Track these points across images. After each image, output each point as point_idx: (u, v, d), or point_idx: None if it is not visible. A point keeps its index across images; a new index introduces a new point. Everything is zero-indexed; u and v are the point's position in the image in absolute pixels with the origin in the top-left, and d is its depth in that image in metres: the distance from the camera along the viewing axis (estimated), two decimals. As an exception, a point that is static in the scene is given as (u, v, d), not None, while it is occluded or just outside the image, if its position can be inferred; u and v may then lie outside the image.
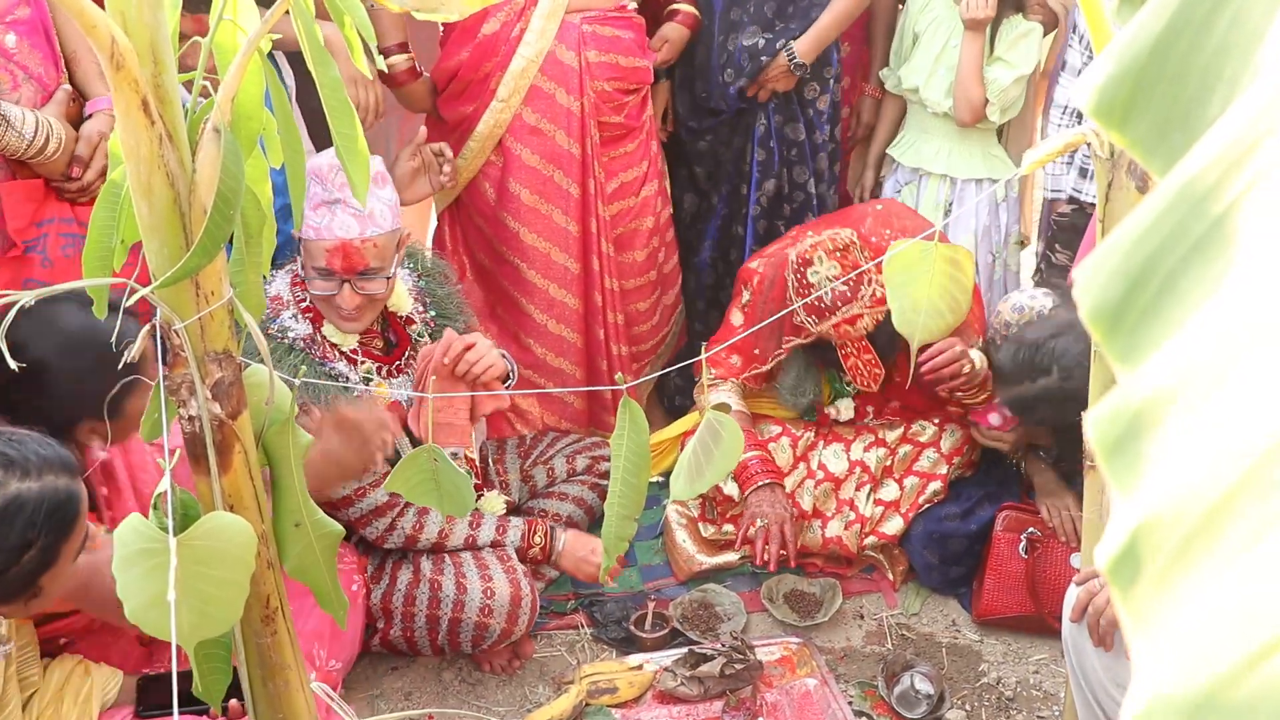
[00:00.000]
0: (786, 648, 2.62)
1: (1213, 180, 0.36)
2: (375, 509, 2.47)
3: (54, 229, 2.27)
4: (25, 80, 2.22)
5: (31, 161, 2.18)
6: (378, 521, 2.48)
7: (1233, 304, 0.34)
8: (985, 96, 3.02)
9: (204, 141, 1.05)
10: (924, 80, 3.10)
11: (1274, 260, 0.34)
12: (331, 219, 2.28)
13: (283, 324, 2.34)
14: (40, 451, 1.49)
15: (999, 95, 3.03)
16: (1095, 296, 0.37)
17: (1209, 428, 0.33)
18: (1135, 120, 0.44)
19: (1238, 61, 0.41)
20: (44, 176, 2.24)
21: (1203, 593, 0.32)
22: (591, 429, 3.22)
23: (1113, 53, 0.46)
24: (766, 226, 3.23)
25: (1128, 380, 0.36)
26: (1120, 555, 0.34)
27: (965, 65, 3.01)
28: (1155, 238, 0.37)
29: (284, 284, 2.40)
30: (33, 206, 2.24)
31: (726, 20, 3.05)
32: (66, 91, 2.26)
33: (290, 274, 2.41)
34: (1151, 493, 0.34)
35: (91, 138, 2.24)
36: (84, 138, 2.24)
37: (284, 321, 2.35)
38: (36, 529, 1.45)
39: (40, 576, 1.50)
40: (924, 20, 3.12)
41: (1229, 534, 0.32)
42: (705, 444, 1.31)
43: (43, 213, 2.26)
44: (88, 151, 2.24)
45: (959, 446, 2.83)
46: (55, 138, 2.17)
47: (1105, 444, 0.35)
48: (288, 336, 2.33)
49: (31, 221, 2.24)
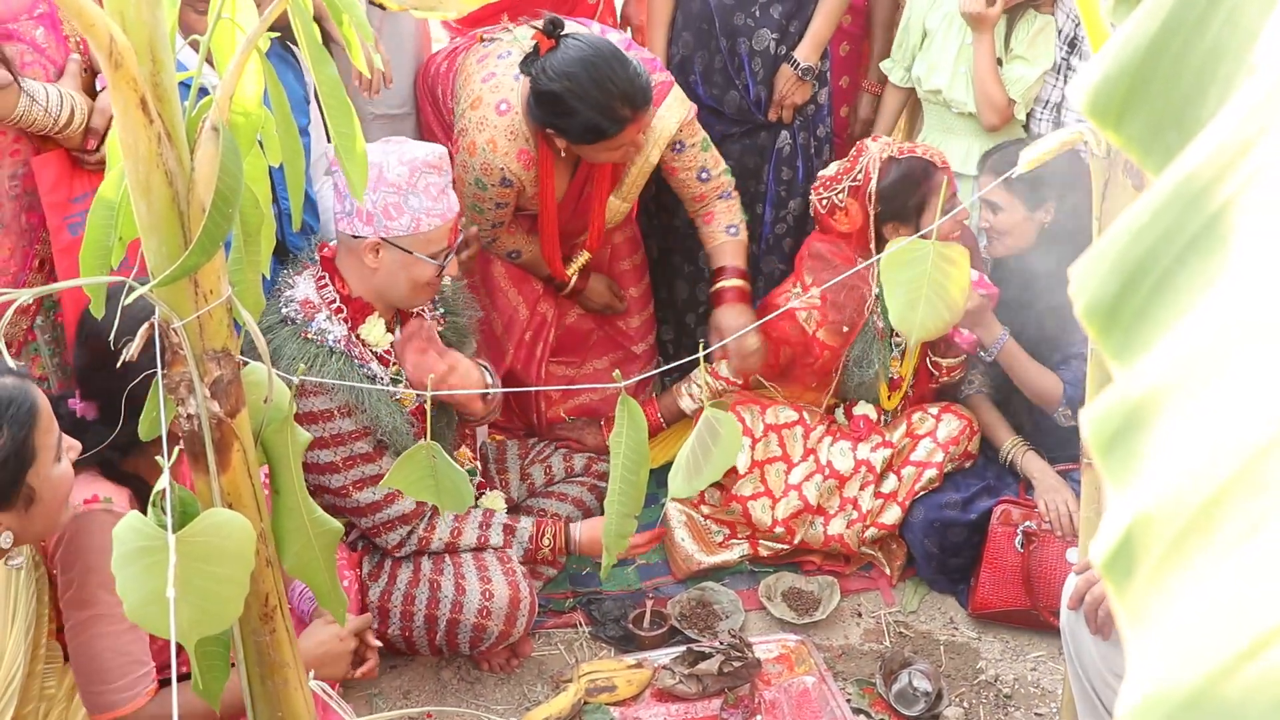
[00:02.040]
0: (785, 646, 2.62)
1: (1208, 178, 0.37)
2: (402, 516, 2.48)
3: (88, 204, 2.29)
4: (47, 67, 2.26)
5: (56, 135, 2.21)
6: (401, 529, 2.49)
7: (1228, 301, 0.35)
8: (1008, 96, 2.96)
9: (202, 140, 1.06)
10: (947, 82, 3.04)
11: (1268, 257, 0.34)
12: (449, 201, 2.36)
13: (320, 327, 2.33)
14: None
15: (1023, 94, 2.96)
16: (1091, 293, 0.37)
17: (1204, 424, 0.34)
18: (1130, 119, 0.44)
19: (1232, 61, 0.41)
20: (66, 149, 2.27)
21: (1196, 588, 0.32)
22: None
23: (1108, 52, 0.46)
24: (793, 245, 3.20)
25: (1123, 377, 0.36)
26: (1115, 551, 0.34)
27: (979, 69, 2.95)
28: (1151, 235, 0.37)
29: (310, 287, 2.38)
30: (66, 177, 2.27)
31: (729, 24, 3.03)
32: (77, 61, 2.28)
33: (313, 276, 2.39)
34: (1146, 489, 0.34)
35: (106, 110, 2.25)
36: (99, 110, 2.26)
37: (320, 324, 2.34)
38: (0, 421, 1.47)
39: (23, 474, 1.51)
40: (934, 16, 3.06)
41: (1222, 530, 0.32)
42: (704, 441, 1.31)
43: (75, 188, 2.29)
44: (102, 123, 2.25)
45: (955, 436, 2.83)
46: (79, 110, 2.21)
47: (1100, 440, 0.35)
48: (327, 340, 2.33)
49: (67, 197, 2.27)
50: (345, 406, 2.34)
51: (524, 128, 2.68)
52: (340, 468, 2.38)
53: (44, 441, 1.53)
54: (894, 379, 2.94)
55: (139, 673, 1.79)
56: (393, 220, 2.29)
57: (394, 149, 2.30)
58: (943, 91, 3.07)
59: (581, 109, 2.55)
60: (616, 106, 2.56)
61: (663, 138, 2.82)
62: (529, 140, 2.70)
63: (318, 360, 2.29)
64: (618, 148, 2.66)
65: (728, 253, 2.95)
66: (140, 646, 1.80)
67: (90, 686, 1.74)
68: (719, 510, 2.91)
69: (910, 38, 3.14)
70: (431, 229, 2.32)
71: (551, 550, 2.62)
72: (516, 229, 2.95)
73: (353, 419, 2.36)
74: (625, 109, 2.57)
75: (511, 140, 2.68)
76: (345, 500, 2.41)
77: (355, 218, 2.31)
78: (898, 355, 2.92)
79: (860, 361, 2.86)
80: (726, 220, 2.96)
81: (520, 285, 3.12)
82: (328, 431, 2.35)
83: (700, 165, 2.91)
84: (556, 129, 2.63)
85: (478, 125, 2.70)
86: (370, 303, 2.40)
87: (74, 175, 2.30)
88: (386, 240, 2.31)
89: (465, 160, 2.74)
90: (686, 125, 2.84)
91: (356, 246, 2.34)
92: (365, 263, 2.33)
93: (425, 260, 2.33)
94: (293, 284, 2.38)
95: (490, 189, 2.74)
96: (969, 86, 3.01)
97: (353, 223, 2.32)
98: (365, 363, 2.39)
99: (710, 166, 2.92)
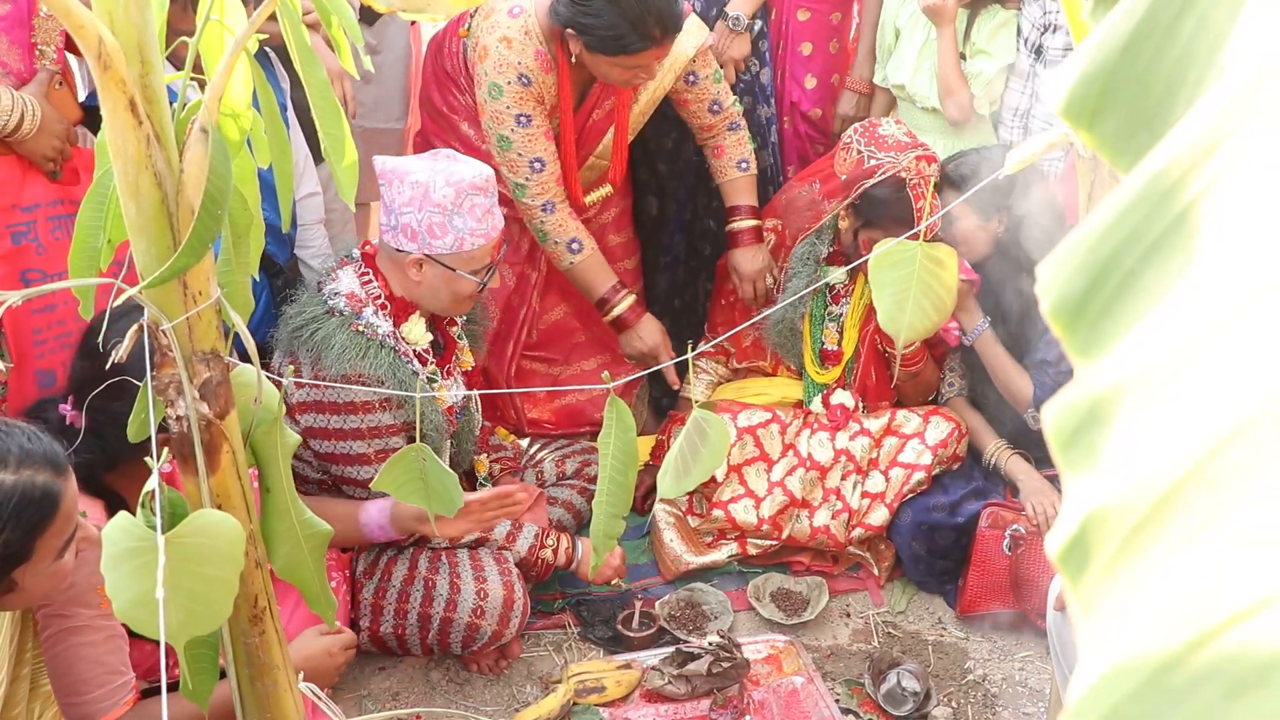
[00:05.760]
0: (773, 646, 2.63)
1: (1174, 178, 0.37)
2: None
3: (41, 213, 2.27)
4: (3, 75, 2.23)
5: (10, 140, 2.19)
6: None
7: (1190, 300, 0.35)
8: (970, 91, 3.02)
9: (191, 141, 1.06)
10: (909, 76, 3.09)
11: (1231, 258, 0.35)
12: (493, 220, 2.38)
13: (368, 320, 2.37)
14: (25, 445, 1.48)
15: (984, 88, 3.02)
16: (1058, 291, 0.38)
17: (1162, 421, 0.34)
18: (1104, 120, 0.45)
19: (1201, 64, 0.42)
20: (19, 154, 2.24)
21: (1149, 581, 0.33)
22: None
23: (1083, 53, 0.47)
24: None
25: (1086, 373, 0.37)
26: (1070, 544, 0.35)
27: (942, 62, 3.00)
28: (1118, 234, 0.38)
29: (354, 281, 2.41)
30: (16, 184, 2.23)
31: None
32: (49, 72, 2.27)
33: (355, 271, 2.43)
34: (1103, 483, 0.35)
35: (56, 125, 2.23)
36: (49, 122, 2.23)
37: (368, 318, 2.37)
38: (3, 521, 1.44)
39: (11, 570, 1.49)
40: (904, 14, 3.12)
41: (1176, 524, 0.33)
42: (692, 442, 1.32)
43: (27, 196, 2.26)
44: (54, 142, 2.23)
45: (944, 439, 2.85)
46: (31, 115, 2.18)
47: (1061, 435, 0.36)
48: (377, 333, 2.36)
49: (14, 204, 2.24)
50: (389, 400, 2.36)
51: (539, 30, 2.65)
52: (371, 460, 2.40)
53: (48, 544, 1.50)
54: (829, 350, 2.97)
55: (117, 683, 1.78)
56: (437, 239, 2.33)
57: (441, 168, 2.33)
58: (906, 86, 3.11)
59: (610, 13, 2.51)
60: (649, 23, 2.52)
61: (678, 63, 2.78)
62: (544, 43, 2.67)
63: (368, 352, 2.33)
64: (632, 68, 2.61)
65: (741, 190, 2.98)
66: (118, 657, 1.79)
67: (68, 698, 1.74)
68: (705, 520, 2.92)
69: (885, 38, 3.19)
70: (475, 248, 2.36)
71: (553, 553, 2.63)
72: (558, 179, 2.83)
73: (392, 413, 2.39)
74: (656, 28, 2.53)
75: (526, 38, 2.65)
76: (370, 494, 2.42)
77: (400, 233, 2.35)
78: (834, 326, 2.96)
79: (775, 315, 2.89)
80: (737, 154, 2.97)
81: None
82: (366, 423, 2.37)
83: (713, 98, 2.91)
84: (579, 28, 2.56)
85: (489, 29, 2.67)
86: (412, 302, 2.44)
87: (25, 183, 2.26)
88: (430, 257, 2.34)
89: (479, 74, 2.69)
90: (701, 53, 2.82)
91: (401, 259, 2.38)
92: (409, 275, 2.38)
93: (467, 277, 2.37)
94: (335, 278, 2.42)
95: (506, 92, 2.67)
96: (932, 81, 3.06)
97: (397, 237, 2.36)
98: (409, 359, 2.42)
99: (722, 99, 2.92)
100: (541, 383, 3.25)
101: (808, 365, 2.98)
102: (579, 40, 2.58)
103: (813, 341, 2.98)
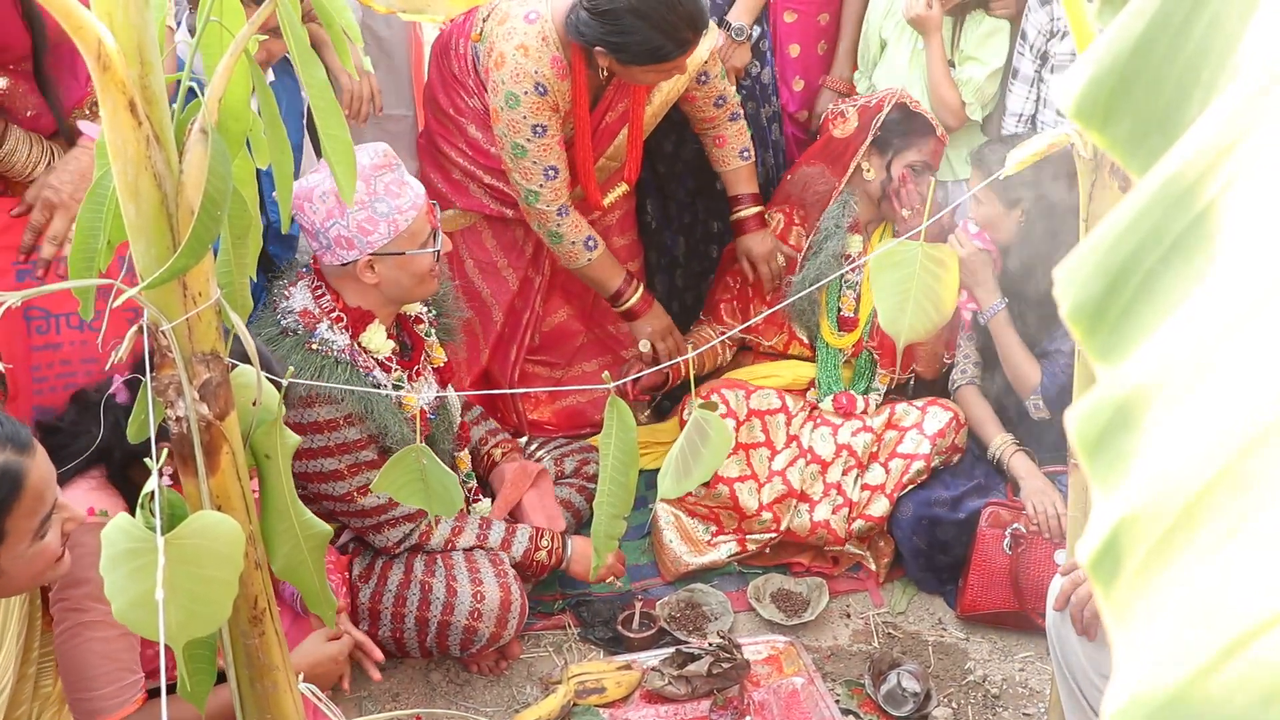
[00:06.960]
0: (773, 647, 2.63)
1: (1192, 179, 0.37)
2: (408, 515, 2.49)
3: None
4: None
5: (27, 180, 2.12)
6: (405, 525, 2.50)
7: (1212, 301, 0.35)
8: (961, 98, 3.04)
9: (191, 142, 1.05)
10: (901, 86, 3.09)
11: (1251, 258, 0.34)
12: (412, 190, 2.33)
13: (323, 337, 2.34)
14: None
15: (975, 94, 3.04)
16: (1076, 294, 0.38)
17: (1188, 424, 0.34)
18: (1115, 122, 0.44)
19: (1214, 64, 0.41)
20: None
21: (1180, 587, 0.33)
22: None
23: (1093, 55, 0.46)
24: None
25: (1108, 377, 0.37)
26: (1101, 551, 0.35)
27: (932, 72, 3.03)
28: (1135, 236, 0.37)
29: (307, 297, 2.38)
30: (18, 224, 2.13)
31: None
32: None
33: (308, 286, 2.39)
34: (1131, 489, 0.35)
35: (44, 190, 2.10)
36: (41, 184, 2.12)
37: (323, 334, 2.34)
38: None
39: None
40: (889, 25, 3.14)
41: (1207, 528, 0.33)
42: (693, 442, 1.32)
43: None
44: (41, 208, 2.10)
45: (941, 428, 2.85)
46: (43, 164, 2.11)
47: (1086, 441, 0.35)
48: (332, 350, 2.33)
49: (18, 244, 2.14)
50: (351, 415, 2.34)
51: (555, 36, 2.64)
52: (345, 475, 2.38)
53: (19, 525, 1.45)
54: (845, 317, 3.03)
55: (127, 680, 1.77)
56: (372, 234, 2.29)
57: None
58: None
59: (642, 29, 2.50)
60: (681, 28, 2.51)
61: (694, 65, 2.80)
62: (560, 48, 2.66)
63: (324, 371, 2.29)
64: (668, 70, 2.62)
65: (743, 179, 3.06)
66: (130, 655, 1.78)
67: (78, 693, 1.73)
68: (706, 496, 2.91)
69: (870, 48, 3.21)
70: (410, 223, 2.32)
71: (548, 554, 2.62)
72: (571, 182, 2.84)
73: (358, 427, 2.37)
74: (688, 31, 2.53)
75: (544, 45, 2.64)
76: (349, 506, 2.42)
77: (336, 248, 2.31)
78: (852, 294, 3.02)
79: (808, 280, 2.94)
80: (739, 144, 3.03)
81: (493, 284, 3.11)
82: (333, 440, 2.35)
83: (719, 93, 2.95)
84: (611, 46, 2.55)
85: (505, 35, 2.66)
86: (370, 310, 2.40)
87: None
88: (376, 254, 2.31)
89: (495, 82, 2.68)
90: (713, 54, 2.86)
91: (349, 271, 2.35)
92: (364, 281, 2.34)
93: (419, 252, 2.34)
94: (289, 295, 2.38)
95: (523, 102, 2.66)
96: (923, 91, 3.08)
97: (335, 253, 2.32)
98: (369, 371, 2.39)
99: (726, 93, 2.96)
100: (543, 385, 3.24)
101: (825, 332, 3.01)
102: (609, 56, 2.58)
103: (829, 309, 3.03)
